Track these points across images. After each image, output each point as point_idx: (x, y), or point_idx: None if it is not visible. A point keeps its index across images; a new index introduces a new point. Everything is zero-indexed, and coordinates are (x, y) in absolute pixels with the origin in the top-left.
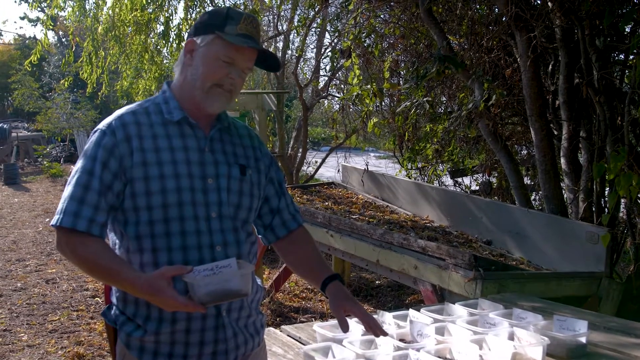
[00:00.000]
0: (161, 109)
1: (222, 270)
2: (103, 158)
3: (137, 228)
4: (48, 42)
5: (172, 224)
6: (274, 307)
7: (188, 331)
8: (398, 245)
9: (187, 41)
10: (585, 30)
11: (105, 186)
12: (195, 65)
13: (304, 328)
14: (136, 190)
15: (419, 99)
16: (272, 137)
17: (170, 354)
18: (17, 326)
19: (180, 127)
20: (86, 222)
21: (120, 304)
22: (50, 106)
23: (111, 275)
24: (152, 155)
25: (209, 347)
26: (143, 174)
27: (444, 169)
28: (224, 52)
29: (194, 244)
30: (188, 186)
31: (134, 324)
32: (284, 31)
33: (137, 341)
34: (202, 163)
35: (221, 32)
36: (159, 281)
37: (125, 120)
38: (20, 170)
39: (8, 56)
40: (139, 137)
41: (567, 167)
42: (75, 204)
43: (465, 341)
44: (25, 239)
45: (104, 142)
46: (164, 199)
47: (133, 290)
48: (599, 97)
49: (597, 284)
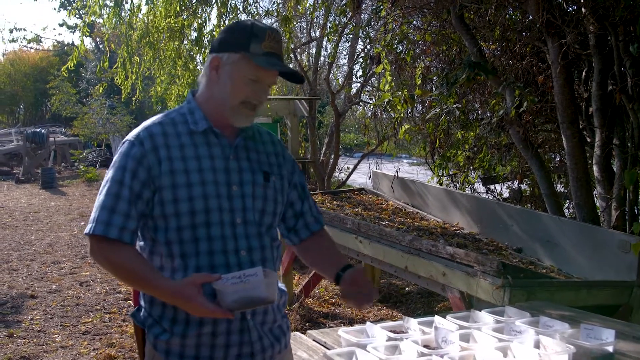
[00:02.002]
0: (187, 119)
1: (249, 279)
2: (132, 168)
3: (167, 234)
4: (85, 48)
5: (199, 229)
6: (303, 313)
7: (214, 334)
8: (426, 252)
9: (213, 57)
10: (619, 37)
11: (135, 195)
12: (222, 83)
13: (330, 333)
14: (164, 198)
15: (450, 105)
16: (304, 143)
17: (196, 356)
18: (52, 327)
19: (205, 136)
20: (117, 230)
21: (147, 305)
22: (86, 111)
23: (143, 282)
24: (179, 163)
25: (234, 349)
26: (171, 182)
27: (475, 175)
28: (251, 72)
29: (220, 248)
30: (214, 193)
31: (160, 326)
32: (317, 37)
33: (163, 344)
34: (227, 171)
35: (247, 53)
36: (189, 288)
37: (152, 131)
38: (57, 175)
39: (47, 62)
40: (166, 147)
41: (599, 174)
42: (107, 212)
43: (490, 348)
44: (60, 242)
45: (133, 152)
46: (191, 205)
47: (164, 296)
48: (633, 104)
49: (629, 294)
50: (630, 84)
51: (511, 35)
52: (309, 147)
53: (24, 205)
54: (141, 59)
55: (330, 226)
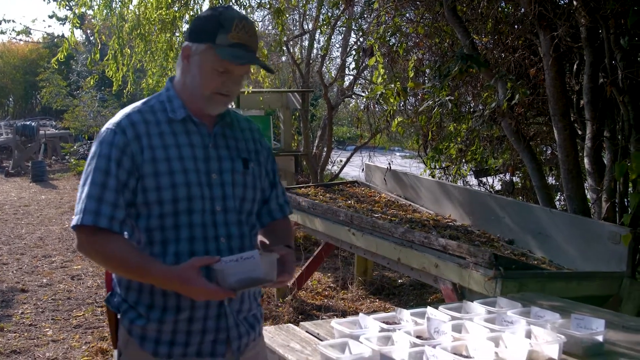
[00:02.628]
0: (165, 107)
1: (246, 261)
2: (117, 157)
3: (148, 221)
4: (75, 40)
5: (181, 216)
6: (296, 305)
7: (191, 320)
8: (419, 244)
9: (184, 47)
10: (610, 30)
11: (122, 184)
12: (192, 73)
13: (322, 324)
14: (147, 185)
15: (442, 98)
16: (297, 135)
17: (171, 341)
18: (43, 321)
19: (184, 124)
20: (107, 219)
21: (123, 291)
22: (77, 104)
23: (138, 270)
24: (160, 152)
25: (210, 335)
26: (153, 170)
27: (467, 168)
28: (218, 64)
29: (200, 235)
30: (196, 181)
31: (136, 312)
32: (309, 30)
33: (139, 329)
34: (206, 159)
35: (212, 44)
36: (190, 271)
37: (133, 119)
38: (48, 168)
39: (37, 54)
40: (147, 135)
41: (590, 167)
42: (94, 202)
43: (482, 338)
44: (51, 235)
45: (116, 141)
46: (174, 193)
47: (163, 282)
48: (624, 96)
49: (619, 284)
50: (621, 76)
51: (503, 28)
52: (302, 140)
53: (14, 198)
54: (132, 51)
55: (323, 218)
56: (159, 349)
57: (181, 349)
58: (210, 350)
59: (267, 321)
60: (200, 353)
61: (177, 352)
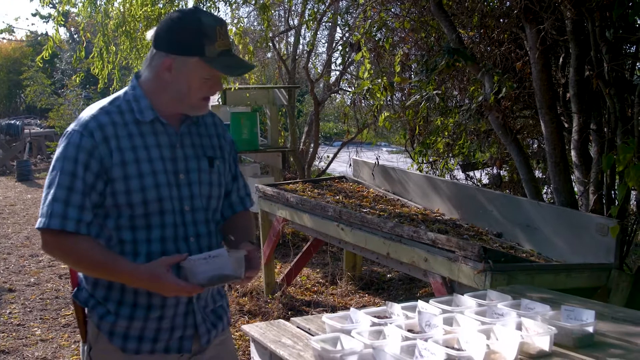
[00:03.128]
0: (132, 107)
1: (214, 260)
2: (84, 160)
3: (118, 220)
4: (59, 38)
5: (152, 217)
6: (286, 301)
7: (161, 318)
8: (408, 238)
9: (164, 60)
10: (596, 23)
11: (89, 187)
12: (178, 84)
13: (313, 320)
14: (116, 189)
15: (429, 92)
16: (283, 132)
17: (140, 337)
18: (31, 321)
19: (152, 125)
20: (74, 222)
21: (90, 287)
22: (62, 102)
23: (108, 269)
24: (129, 154)
25: (178, 332)
26: (122, 173)
27: (454, 162)
28: (208, 72)
29: (171, 235)
30: (165, 182)
31: (104, 308)
32: (295, 26)
33: (107, 325)
34: (174, 159)
35: (203, 57)
36: (159, 268)
37: (101, 121)
38: (33, 167)
39: (20, 53)
40: (115, 137)
41: (577, 159)
42: (61, 205)
43: (473, 331)
44: (38, 235)
45: (83, 143)
46: (143, 196)
47: (132, 280)
48: (609, 89)
49: (607, 276)
50: (606, 69)
51: (489, 21)
52: (289, 136)
53: (0, 198)
54: (118, 48)
55: (311, 214)
56: (127, 345)
57: (149, 345)
58: (178, 346)
59: (256, 317)
60: (168, 349)
61: (145, 348)
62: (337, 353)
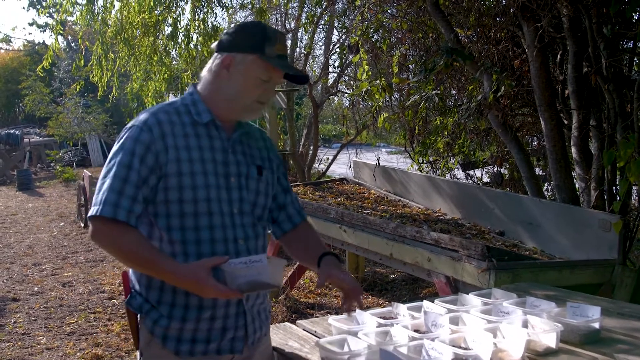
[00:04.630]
0: (190, 110)
1: (254, 264)
2: (141, 153)
3: (168, 220)
4: (59, 46)
5: (200, 218)
6: (290, 304)
7: (213, 318)
8: (411, 239)
9: (225, 56)
10: (593, 19)
11: (142, 179)
12: (233, 82)
13: (320, 322)
14: (169, 184)
15: (428, 92)
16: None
17: (193, 339)
18: (36, 330)
19: (207, 128)
20: (125, 212)
21: (144, 291)
22: (61, 111)
23: (152, 265)
24: (184, 152)
25: (230, 333)
26: (176, 169)
27: (455, 161)
28: (265, 73)
29: (221, 237)
30: (215, 183)
31: (158, 312)
32: (292, 29)
33: (161, 329)
34: (225, 163)
35: (262, 55)
36: (200, 270)
37: (160, 118)
38: (34, 176)
39: (18, 62)
40: (172, 135)
41: (577, 156)
42: (115, 195)
43: (480, 330)
44: (40, 243)
45: (142, 138)
46: (194, 194)
47: (174, 279)
48: (608, 85)
49: (611, 272)
50: (604, 65)
51: (486, 20)
52: (288, 139)
53: (1, 207)
54: (116, 56)
55: (313, 217)
56: (181, 347)
57: (202, 346)
58: (230, 347)
59: None
60: (220, 350)
61: (198, 350)
62: (344, 355)
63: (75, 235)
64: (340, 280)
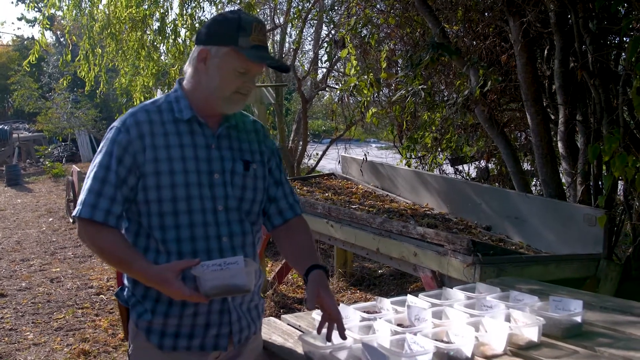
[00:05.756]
0: (172, 107)
1: (229, 267)
2: (118, 154)
3: (149, 219)
4: (46, 41)
5: (180, 216)
6: (277, 299)
7: (195, 314)
8: (397, 233)
9: (201, 50)
10: (579, 14)
11: (121, 180)
12: (211, 75)
13: (304, 317)
14: (148, 184)
15: (415, 87)
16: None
17: (176, 334)
18: (23, 325)
19: (189, 125)
20: (103, 213)
21: (131, 285)
22: (50, 106)
23: (124, 264)
24: (163, 151)
25: (214, 329)
26: (154, 169)
27: (443, 157)
28: (240, 65)
29: (202, 235)
30: (196, 181)
31: (143, 306)
32: (281, 24)
33: (145, 323)
34: (209, 159)
35: (236, 46)
36: (167, 273)
37: (138, 118)
38: (23, 171)
39: (7, 57)
40: (151, 135)
41: (564, 150)
42: (93, 196)
43: (462, 324)
44: (29, 239)
45: (119, 139)
46: (173, 192)
47: (144, 279)
48: (594, 80)
49: (596, 266)
50: (590, 60)
51: (473, 15)
52: (277, 135)
53: None
54: (104, 51)
55: None
56: (164, 342)
57: (185, 341)
58: (214, 343)
59: None
60: (203, 346)
61: (181, 345)
62: (326, 349)
63: (64, 231)
64: (327, 305)
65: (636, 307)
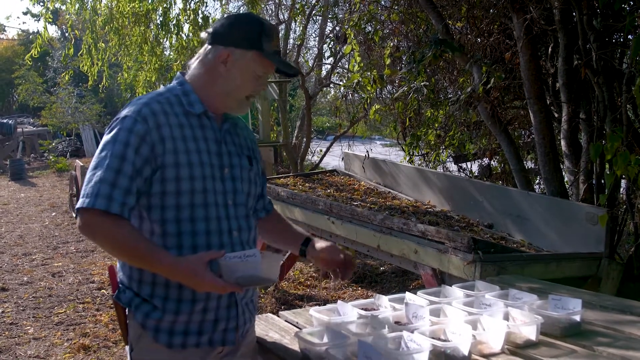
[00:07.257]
0: (181, 101)
1: (248, 259)
2: (135, 144)
3: (163, 212)
4: (48, 35)
5: (197, 209)
6: (279, 296)
7: (205, 310)
8: (398, 230)
9: (221, 51)
10: (583, 11)
11: (136, 171)
12: (232, 77)
13: (302, 313)
14: (167, 175)
15: (418, 84)
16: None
17: (185, 331)
18: (24, 319)
19: (199, 119)
20: (119, 205)
21: (135, 285)
22: (54, 101)
23: (146, 258)
24: (180, 143)
25: (222, 324)
26: (174, 160)
27: (446, 154)
28: (262, 68)
29: (216, 229)
30: (210, 175)
31: (150, 305)
32: (285, 20)
33: (153, 322)
34: (219, 154)
35: (261, 51)
36: (198, 264)
37: (154, 109)
38: (27, 166)
39: (12, 52)
40: (168, 126)
41: (567, 149)
42: (108, 187)
43: (460, 322)
44: (31, 233)
45: (136, 129)
46: (192, 185)
47: (170, 272)
48: (598, 77)
49: (597, 265)
50: (594, 58)
51: (477, 12)
52: (281, 131)
53: None
54: (107, 45)
55: (302, 208)
56: (173, 340)
57: (195, 338)
58: (222, 338)
59: None
60: (212, 342)
61: (190, 342)
62: (323, 346)
63: (67, 226)
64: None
65: (636, 307)
